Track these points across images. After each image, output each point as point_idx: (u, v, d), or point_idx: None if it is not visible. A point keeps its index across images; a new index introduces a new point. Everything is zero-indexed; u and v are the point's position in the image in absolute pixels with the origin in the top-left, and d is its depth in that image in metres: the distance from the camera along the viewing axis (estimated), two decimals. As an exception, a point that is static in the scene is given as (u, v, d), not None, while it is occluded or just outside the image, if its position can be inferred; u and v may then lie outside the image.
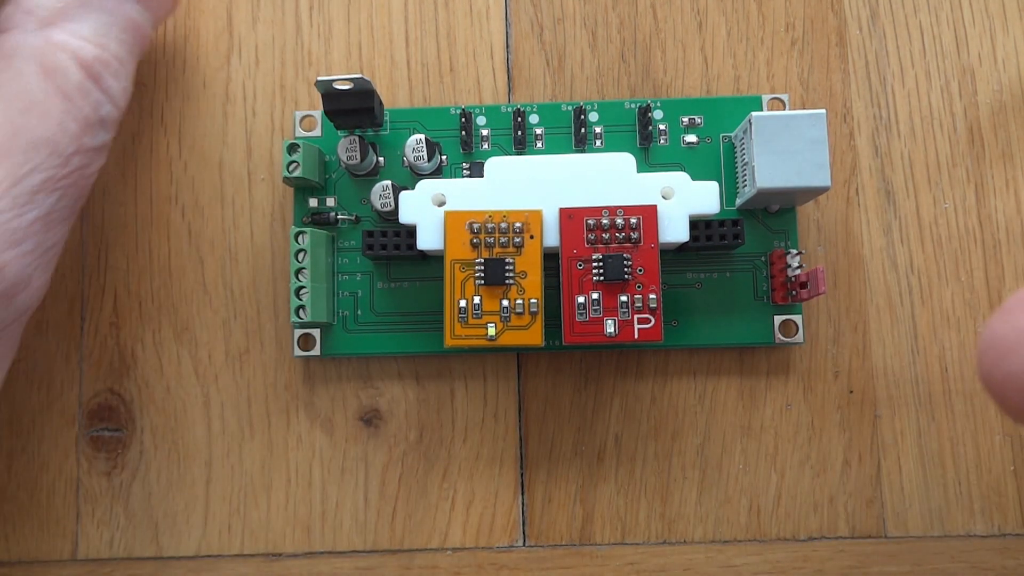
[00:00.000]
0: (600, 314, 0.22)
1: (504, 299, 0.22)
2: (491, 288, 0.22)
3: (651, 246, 0.22)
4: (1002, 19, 0.27)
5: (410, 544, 0.25)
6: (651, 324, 0.22)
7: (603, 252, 0.22)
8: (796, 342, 0.24)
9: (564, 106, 0.25)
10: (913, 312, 0.25)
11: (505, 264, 0.22)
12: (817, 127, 0.22)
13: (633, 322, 0.22)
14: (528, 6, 0.27)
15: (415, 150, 0.24)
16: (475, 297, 0.22)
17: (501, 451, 0.25)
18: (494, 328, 0.22)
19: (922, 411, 0.25)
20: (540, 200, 0.23)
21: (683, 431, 0.25)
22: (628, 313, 0.22)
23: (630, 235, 0.22)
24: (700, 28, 0.27)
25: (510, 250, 0.22)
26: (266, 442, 0.25)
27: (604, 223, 0.22)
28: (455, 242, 0.22)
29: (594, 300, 0.22)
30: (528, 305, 0.22)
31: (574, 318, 0.22)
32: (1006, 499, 0.25)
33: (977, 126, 0.26)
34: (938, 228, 0.26)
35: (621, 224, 0.22)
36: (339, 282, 0.25)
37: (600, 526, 0.25)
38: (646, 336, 0.22)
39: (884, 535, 0.25)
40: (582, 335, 0.22)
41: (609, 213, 0.22)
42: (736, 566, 0.25)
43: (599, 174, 0.23)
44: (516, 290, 0.22)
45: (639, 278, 0.22)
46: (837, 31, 0.27)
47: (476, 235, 0.22)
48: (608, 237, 0.22)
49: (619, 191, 0.23)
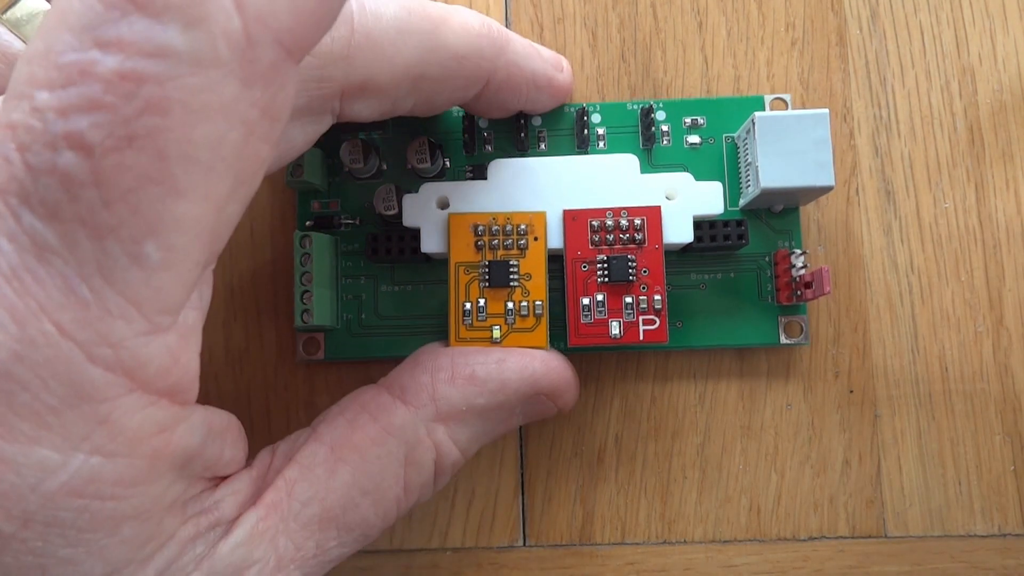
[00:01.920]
0: (605, 316, 0.22)
1: (509, 301, 0.22)
2: (495, 290, 0.22)
3: (655, 247, 0.22)
4: (1002, 19, 0.27)
5: (410, 544, 0.25)
6: (656, 325, 0.22)
7: (607, 253, 0.22)
8: (801, 343, 0.24)
9: (566, 108, 0.25)
10: (913, 312, 0.25)
11: (509, 266, 0.22)
12: (820, 127, 0.22)
13: (638, 323, 0.22)
14: (528, 6, 0.27)
15: (417, 153, 0.24)
16: (480, 299, 0.22)
17: (501, 451, 0.25)
18: (499, 330, 0.22)
19: (922, 411, 0.25)
20: (544, 202, 0.23)
21: (683, 431, 0.25)
22: (633, 315, 0.22)
23: (634, 236, 0.22)
24: (700, 28, 0.27)
25: (514, 252, 0.22)
26: (266, 442, 0.25)
27: (608, 224, 0.22)
28: (459, 244, 0.22)
29: (599, 302, 0.22)
30: (533, 307, 0.22)
31: (579, 320, 0.22)
32: (1006, 499, 0.25)
33: (977, 126, 0.26)
34: (938, 228, 0.26)
35: (625, 225, 0.22)
36: (343, 285, 0.25)
37: (600, 526, 0.25)
38: (651, 337, 0.22)
39: (884, 535, 0.25)
40: (587, 337, 0.22)
41: (613, 214, 0.22)
42: (736, 566, 0.25)
43: (602, 175, 0.23)
44: (521, 292, 0.22)
45: (644, 279, 0.22)
46: (837, 31, 0.27)
47: (480, 237, 0.22)
48: (612, 238, 0.22)
49: (623, 192, 0.23)
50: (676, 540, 0.25)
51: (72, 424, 0.14)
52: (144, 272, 0.14)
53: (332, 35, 0.18)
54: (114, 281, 0.14)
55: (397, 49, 0.19)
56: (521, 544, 0.25)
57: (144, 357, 0.14)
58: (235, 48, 0.13)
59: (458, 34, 0.20)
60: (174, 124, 0.13)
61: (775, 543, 0.25)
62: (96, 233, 0.13)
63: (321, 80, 0.18)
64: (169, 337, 0.15)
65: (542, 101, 0.24)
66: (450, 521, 0.25)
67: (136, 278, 0.14)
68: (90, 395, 0.14)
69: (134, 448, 0.15)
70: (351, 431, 0.20)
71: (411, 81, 0.20)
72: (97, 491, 0.14)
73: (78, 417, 0.14)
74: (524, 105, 0.24)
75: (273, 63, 0.14)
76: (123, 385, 0.14)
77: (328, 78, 0.19)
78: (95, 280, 0.13)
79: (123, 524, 0.15)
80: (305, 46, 0.15)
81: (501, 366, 0.21)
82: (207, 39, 0.13)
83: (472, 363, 0.21)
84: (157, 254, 0.14)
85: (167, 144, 0.13)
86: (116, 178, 0.13)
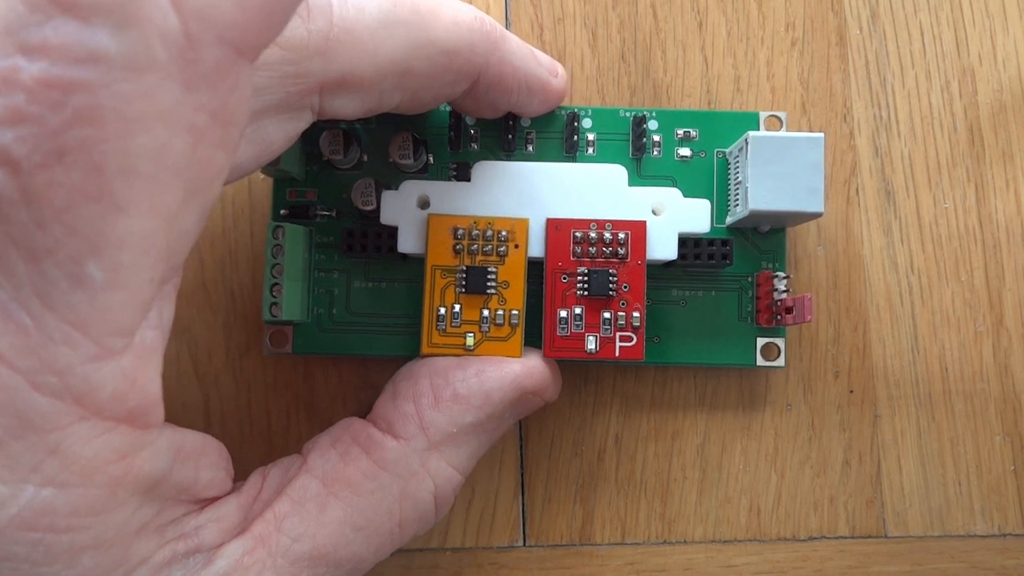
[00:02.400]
0: (582, 330, 0.22)
1: (485, 309, 0.22)
2: (471, 296, 0.22)
3: (638, 263, 0.22)
4: (1002, 19, 0.27)
5: (410, 544, 0.25)
6: (633, 343, 0.22)
7: (588, 266, 0.22)
8: (777, 366, 0.24)
9: (557, 111, 0.25)
10: (913, 312, 0.25)
11: (488, 273, 0.22)
12: (814, 151, 0.21)
13: (615, 339, 0.22)
14: (528, 6, 0.27)
15: (400, 148, 0.23)
16: (455, 305, 0.22)
17: (501, 451, 0.25)
18: (473, 338, 0.22)
19: (922, 411, 0.25)
20: (527, 208, 0.22)
21: (683, 431, 0.25)
22: (611, 330, 0.22)
23: (617, 250, 0.22)
24: (700, 28, 0.27)
25: (493, 258, 0.22)
26: (266, 442, 0.25)
27: (592, 236, 0.22)
28: (437, 247, 0.22)
29: (576, 315, 0.22)
30: (509, 316, 0.22)
31: (555, 332, 0.22)
32: (1006, 499, 0.25)
33: (977, 126, 0.26)
34: (938, 228, 0.26)
35: (609, 239, 0.22)
36: (315, 279, 0.24)
37: (600, 526, 0.25)
38: (627, 354, 0.21)
39: (884, 535, 0.25)
40: (562, 350, 0.22)
41: (597, 227, 0.22)
42: (736, 566, 0.25)
43: (589, 185, 0.22)
44: (497, 300, 0.22)
45: (624, 295, 0.22)
46: (837, 31, 0.27)
47: (459, 241, 0.22)
48: (595, 251, 0.22)
49: (609, 204, 0.22)
50: (676, 540, 0.25)
51: (19, 455, 0.13)
52: (88, 294, 0.13)
53: (309, 28, 0.17)
54: (55, 305, 0.13)
55: (381, 43, 0.18)
56: (521, 544, 0.25)
57: (95, 383, 0.14)
58: (173, 49, 0.12)
59: (448, 28, 0.20)
60: (109, 135, 0.12)
61: (775, 543, 0.25)
62: (31, 255, 0.12)
63: (297, 76, 0.18)
64: (123, 360, 0.14)
65: (533, 105, 0.23)
66: (450, 521, 0.25)
67: (80, 301, 0.13)
68: (37, 425, 0.13)
69: (90, 477, 0.14)
70: (343, 465, 0.19)
71: (396, 77, 0.19)
72: (51, 523, 0.14)
73: (25, 448, 0.13)
74: (514, 107, 0.23)
75: (219, 63, 0.13)
76: (73, 413, 0.14)
77: (305, 74, 0.18)
78: (33, 305, 0.13)
79: (82, 555, 0.15)
80: (257, 43, 0.14)
81: (481, 378, 0.21)
82: (141, 41, 0.12)
83: (452, 382, 0.20)
84: (101, 274, 0.13)
85: (102, 157, 0.12)
86: (48, 196, 0.12)
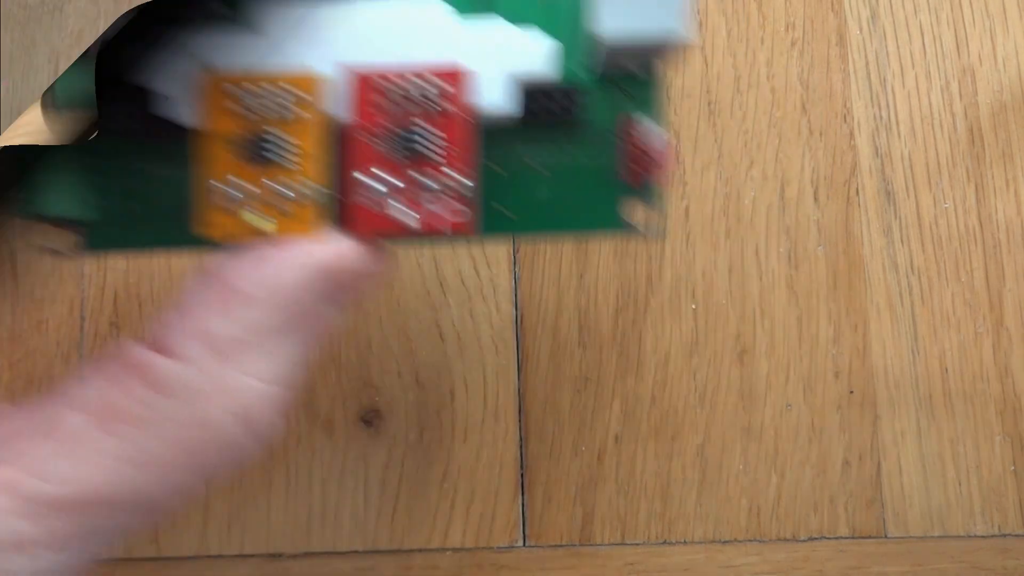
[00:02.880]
0: (399, 202, 0.18)
1: (273, 181, 0.17)
2: (255, 167, 0.17)
3: (464, 117, 0.18)
4: (1002, 19, 0.27)
5: (410, 544, 0.25)
6: (464, 215, 0.18)
7: (401, 124, 0.18)
8: (645, 232, 0.19)
9: None
10: (913, 312, 0.25)
11: (275, 138, 0.17)
12: None
13: (441, 211, 0.18)
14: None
15: None
16: (234, 178, 0.17)
17: (501, 451, 0.25)
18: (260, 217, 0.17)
19: (922, 411, 0.25)
20: (322, 59, 0.18)
21: (683, 431, 0.25)
22: (434, 201, 0.18)
23: (437, 104, 0.18)
24: (700, 28, 0.27)
25: (281, 121, 0.18)
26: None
27: (405, 87, 0.18)
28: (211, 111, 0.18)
29: (387, 181, 0.18)
30: (304, 188, 0.17)
31: (355, 201, 0.17)
32: (1006, 499, 0.25)
33: (977, 126, 0.26)
34: (938, 228, 0.26)
35: (427, 89, 0.18)
36: None
37: (600, 526, 0.25)
38: (459, 228, 0.18)
39: (884, 535, 0.25)
40: (369, 223, 0.18)
41: (411, 75, 0.18)
42: (736, 566, 0.25)
43: (400, 25, 0.18)
44: (288, 170, 0.18)
45: (448, 157, 0.18)
46: (837, 31, 0.27)
47: (237, 102, 0.17)
48: (408, 105, 0.18)
49: (425, 47, 0.18)
50: (676, 540, 0.25)
51: None
52: None
53: None
54: None
55: None
56: (521, 544, 0.25)
57: None
58: None
59: None
60: None
61: (775, 543, 0.25)
62: None
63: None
64: None
65: None
66: (450, 521, 0.25)
67: None
68: None
69: None
70: (114, 394, 0.17)
71: None
72: None
73: None
74: None
75: None
76: None
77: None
78: None
79: None
80: None
81: (262, 269, 0.17)
82: None
83: (229, 279, 0.17)
84: None
85: None
86: None
